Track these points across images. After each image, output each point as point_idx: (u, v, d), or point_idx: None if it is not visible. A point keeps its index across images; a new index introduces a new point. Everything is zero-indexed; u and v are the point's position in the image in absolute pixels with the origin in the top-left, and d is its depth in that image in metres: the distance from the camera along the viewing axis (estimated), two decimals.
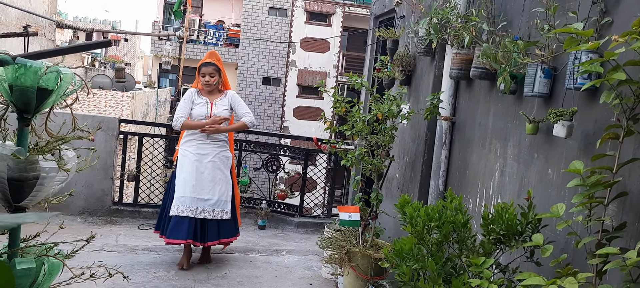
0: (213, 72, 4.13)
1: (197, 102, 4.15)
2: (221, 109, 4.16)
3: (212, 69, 4.14)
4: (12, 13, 7.85)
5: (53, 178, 1.71)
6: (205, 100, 4.16)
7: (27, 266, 1.64)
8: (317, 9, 22.45)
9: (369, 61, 6.07)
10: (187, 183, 4.07)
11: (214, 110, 4.13)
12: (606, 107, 2.25)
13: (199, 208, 4.08)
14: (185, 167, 4.11)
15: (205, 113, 4.11)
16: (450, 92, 3.87)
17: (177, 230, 4.04)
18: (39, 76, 1.70)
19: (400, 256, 2.57)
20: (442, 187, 3.90)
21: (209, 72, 4.13)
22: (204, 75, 4.13)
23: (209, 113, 4.12)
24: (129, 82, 16.44)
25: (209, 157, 4.13)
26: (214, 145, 4.16)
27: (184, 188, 4.07)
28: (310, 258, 4.84)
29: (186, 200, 4.06)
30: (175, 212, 4.05)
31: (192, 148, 4.12)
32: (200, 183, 4.09)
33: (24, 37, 2.01)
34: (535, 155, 2.87)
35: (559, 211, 2.19)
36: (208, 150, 4.14)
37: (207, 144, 4.14)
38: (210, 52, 4.27)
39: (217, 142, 4.18)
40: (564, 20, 2.65)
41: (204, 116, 4.10)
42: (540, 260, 2.41)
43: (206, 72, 4.13)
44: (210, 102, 4.16)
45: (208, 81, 4.13)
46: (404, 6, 4.76)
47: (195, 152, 4.11)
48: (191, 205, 4.06)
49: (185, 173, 4.09)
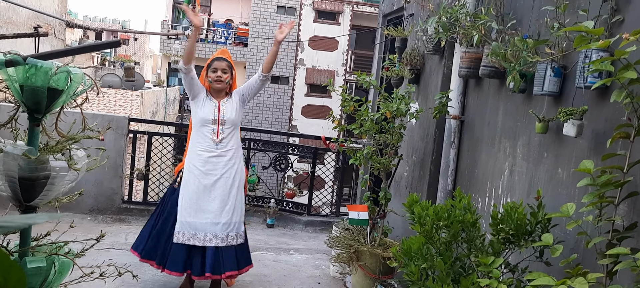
0: (226, 68, 3.62)
1: (203, 102, 3.59)
2: (230, 110, 3.60)
3: (225, 64, 3.63)
4: (23, 13, 7.91)
5: (63, 177, 1.73)
6: (212, 103, 3.59)
7: (38, 265, 1.65)
8: (325, 8, 22.43)
9: (378, 60, 6.06)
10: (193, 205, 3.50)
11: (222, 113, 3.56)
12: (617, 106, 2.23)
13: (208, 235, 3.48)
14: (192, 186, 3.52)
15: (213, 116, 3.54)
16: (459, 91, 3.85)
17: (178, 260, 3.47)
18: (49, 76, 1.72)
19: (408, 255, 2.57)
20: (450, 186, 3.88)
21: (222, 68, 3.60)
22: (216, 70, 3.60)
23: (216, 116, 3.55)
24: (138, 81, 16.52)
25: (221, 173, 3.54)
26: (224, 157, 3.55)
27: (188, 212, 3.49)
28: (318, 257, 4.85)
29: (191, 226, 3.48)
30: (180, 238, 3.47)
31: (199, 162, 3.53)
32: (210, 205, 3.50)
33: (34, 37, 2.03)
34: (545, 154, 2.86)
35: (569, 211, 2.17)
36: (217, 164, 3.54)
37: (215, 156, 3.53)
38: (222, 50, 3.84)
39: (227, 153, 3.57)
40: (574, 19, 2.62)
41: (211, 120, 3.53)
42: (550, 260, 2.40)
43: (218, 67, 3.61)
44: (218, 104, 3.60)
45: (219, 77, 3.59)
46: (412, 4, 4.74)
47: (203, 168, 3.53)
48: (198, 232, 3.48)
49: (190, 193, 3.51)
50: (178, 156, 6.02)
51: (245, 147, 6.01)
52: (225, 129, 3.57)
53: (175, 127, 13.22)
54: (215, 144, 3.54)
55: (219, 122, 3.56)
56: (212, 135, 3.55)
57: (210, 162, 3.53)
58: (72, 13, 28.24)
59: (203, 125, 3.56)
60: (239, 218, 3.59)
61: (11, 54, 1.73)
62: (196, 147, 3.57)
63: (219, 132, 3.56)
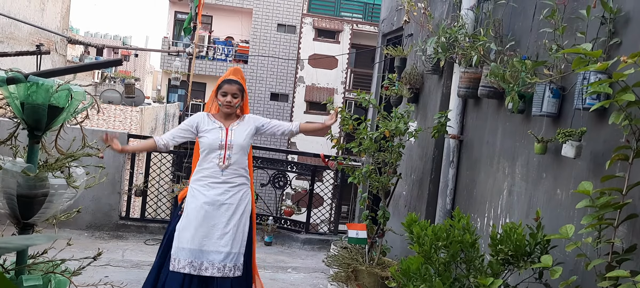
0: (236, 92, 3.41)
1: (208, 127, 3.40)
2: (240, 134, 3.41)
3: (236, 87, 3.42)
4: (25, 28, 7.96)
5: (62, 195, 1.73)
6: (219, 125, 3.41)
7: (35, 283, 1.64)
8: (325, 26, 22.59)
9: (377, 79, 6.09)
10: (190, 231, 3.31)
11: (230, 138, 3.37)
12: (615, 128, 2.24)
13: (204, 264, 3.28)
14: (193, 211, 3.34)
15: (219, 141, 3.36)
16: (458, 111, 3.87)
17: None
18: (50, 94, 1.72)
19: (407, 275, 2.55)
20: (449, 206, 3.88)
21: (232, 92, 3.40)
22: (226, 94, 3.39)
23: (224, 141, 3.36)
24: (139, 97, 16.57)
25: (224, 199, 3.35)
26: (229, 184, 3.37)
27: (186, 238, 3.30)
28: (316, 276, 4.81)
29: (187, 252, 3.28)
30: (175, 266, 3.27)
31: (204, 188, 3.35)
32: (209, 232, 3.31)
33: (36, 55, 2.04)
34: (544, 175, 2.86)
35: (568, 232, 2.17)
36: (222, 190, 3.36)
37: (220, 182, 3.36)
38: (235, 69, 3.58)
39: (233, 180, 3.39)
40: (572, 41, 2.65)
41: (218, 146, 3.34)
42: (549, 282, 2.38)
43: (229, 91, 3.39)
44: (226, 128, 3.41)
45: (229, 102, 3.39)
46: (412, 25, 4.78)
47: (207, 193, 3.34)
48: (195, 259, 3.27)
49: (190, 219, 3.33)
50: (177, 173, 6.02)
51: None
52: (232, 154, 3.38)
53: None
54: (220, 171, 3.36)
55: (227, 148, 3.37)
56: (218, 161, 3.36)
57: (213, 187, 3.35)
58: (74, 29, 28.42)
59: (209, 152, 3.38)
60: (238, 249, 3.36)
61: (13, 71, 1.74)
62: (200, 173, 3.39)
63: (226, 157, 3.36)
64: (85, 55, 23.23)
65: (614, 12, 2.38)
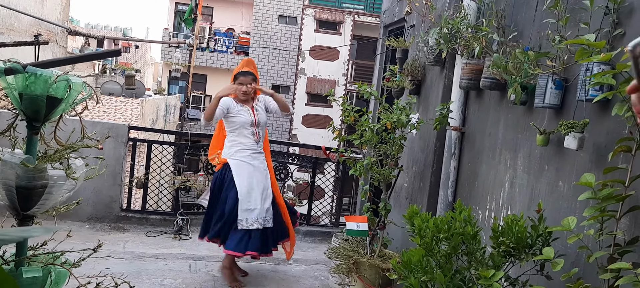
0: (250, 81, 4.06)
1: (237, 110, 4.02)
2: (261, 114, 4.12)
3: (250, 78, 4.06)
4: (25, 20, 7.94)
5: (61, 187, 1.72)
6: (246, 109, 4.06)
7: (34, 275, 1.64)
8: (326, 18, 22.51)
9: (379, 70, 6.07)
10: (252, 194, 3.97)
11: (257, 117, 4.07)
12: (618, 120, 2.22)
13: (266, 217, 4.00)
14: (248, 178, 3.98)
15: (250, 120, 4.04)
16: (460, 102, 3.85)
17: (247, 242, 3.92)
18: (48, 85, 1.71)
19: (408, 267, 2.55)
20: (451, 198, 3.87)
21: (248, 82, 4.04)
22: (242, 83, 4.04)
23: (254, 120, 4.05)
24: (139, 88, 16.55)
25: (264, 166, 4.10)
26: (262, 154, 4.14)
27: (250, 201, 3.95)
28: (317, 268, 4.82)
29: (255, 213, 3.94)
30: (243, 225, 3.92)
31: (249, 158, 4.03)
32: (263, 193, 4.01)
33: (35, 45, 2.03)
34: (546, 167, 2.84)
35: (570, 224, 2.16)
36: (260, 160, 4.09)
37: (258, 152, 4.09)
38: (247, 60, 4.22)
39: (263, 152, 4.15)
40: (575, 32, 2.62)
41: (249, 123, 4.03)
42: (551, 274, 2.38)
43: (245, 82, 4.03)
44: (251, 109, 4.08)
45: (246, 90, 4.03)
46: (414, 16, 4.75)
47: (253, 162, 4.03)
48: (259, 216, 3.96)
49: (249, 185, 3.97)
50: (177, 164, 6.01)
51: None
52: (260, 131, 4.11)
53: (175, 135, 13.20)
54: (256, 144, 4.08)
55: (256, 125, 4.06)
56: (253, 137, 4.06)
57: (255, 157, 4.05)
58: (74, 20, 28.35)
59: (243, 128, 4.03)
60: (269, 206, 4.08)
61: (11, 61, 1.72)
62: (239, 146, 4.04)
63: (257, 133, 4.08)
64: (85, 47, 23.19)
65: (618, 2, 2.35)
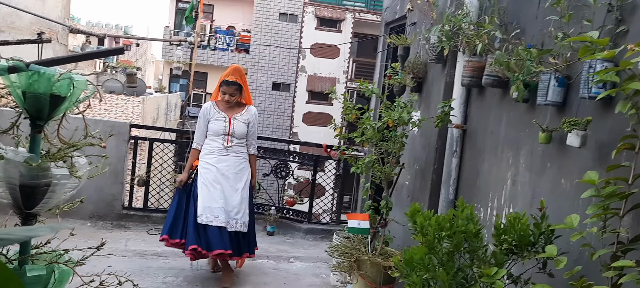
0: (234, 92, 4.03)
1: (214, 116, 4.03)
2: (240, 125, 4.04)
3: (234, 88, 4.02)
4: (26, 18, 7.93)
5: (64, 185, 1.72)
6: (223, 116, 4.03)
7: (38, 273, 1.64)
8: (327, 15, 22.48)
9: (380, 68, 6.06)
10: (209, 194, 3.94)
11: (232, 127, 4.02)
12: (621, 117, 2.22)
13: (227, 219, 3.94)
14: (208, 179, 3.97)
15: (224, 129, 4.00)
16: (462, 100, 3.84)
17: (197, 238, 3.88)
18: (52, 83, 1.71)
19: (410, 265, 2.55)
20: (452, 196, 3.86)
21: (230, 92, 4.01)
22: (225, 93, 4.03)
23: (227, 130, 4.01)
24: (140, 86, 16.54)
25: (231, 169, 4.01)
26: (232, 157, 4.04)
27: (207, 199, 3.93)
28: (318, 266, 4.82)
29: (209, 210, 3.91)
30: (202, 220, 3.89)
31: (213, 160, 4.00)
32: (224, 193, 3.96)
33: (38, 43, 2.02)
34: (548, 165, 2.84)
35: (573, 222, 2.15)
36: (229, 163, 4.01)
37: (225, 155, 4.02)
38: (234, 68, 4.13)
39: (236, 155, 4.06)
40: (578, 29, 2.62)
41: (222, 133, 4.00)
42: (554, 272, 2.37)
43: (227, 91, 4.02)
44: (229, 118, 4.03)
45: (228, 100, 4.02)
46: (415, 13, 4.74)
47: (217, 164, 3.99)
48: (219, 214, 3.92)
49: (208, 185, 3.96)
50: (179, 163, 6.01)
51: None
52: (234, 139, 4.04)
53: (176, 133, 13.18)
54: (225, 149, 4.03)
55: (229, 134, 4.03)
56: (222, 142, 4.03)
57: (221, 160, 4.01)
58: (75, 18, 28.33)
59: (216, 136, 4.03)
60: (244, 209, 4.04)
61: (14, 60, 1.72)
62: (208, 149, 4.04)
63: (229, 140, 4.04)
64: (86, 45, 23.19)
65: None
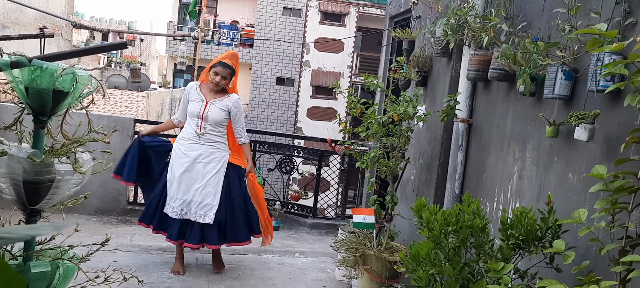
0: (226, 76, 3.91)
1: (193, 97, 3.95)
2: (216, 111, 3.90)
3: (228, 72, 3.91)
4: (30, 13, 7.93)
5: (68, 181, 1.71)
6: (201, 98, 3.93)
7: (43, 269, 1.63)
8: (331, 9, 22.41)
9: (384, 62, 6.03)
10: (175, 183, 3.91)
11: (207, 111, 3.88)
12: (630, 110, 2.19)
13: (184, 210, 3.90)
14: (175, 166, 3.93)
15: (198, 112, 3.89)
16: (467, 94, 3.82)
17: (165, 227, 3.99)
18: (55, 78, 1.70)
19: (417, 260, 2.53)
20: (458, 190, 3.84)
21: (223, 75, 3.89)
22: (217, 74, 3.89)
23: (201, 112, 3.88)
24: (144, 82, 16.57)
25: (201, 158, 3.91)
26: (204, 146, 3.92)
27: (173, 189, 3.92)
28: (324, 260, 4.81)
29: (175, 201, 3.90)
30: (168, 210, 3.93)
31: (184, 147, 3.93)
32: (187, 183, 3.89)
33: (40, 38, 2.01)
34: (555, 159, 2.81)
35: (581, 217, 2.13)
36: (200, 150, 3.90)
37: (198, 143, 3.91)
38: (232, 53, 4.06)
39: (209, 144, 3.93)
40: (585, 21, 2.59)
41: (196, 115, 3.89)
42: (561, 267, 2.36)
43: (219, 72, 3.88)
44: (206, 102, 3.91)
45: (218, 82, 3.89)
46: (420, 6, 4.71)
47: (186, 151, 3.91)
48: (176, 206, 3.90)
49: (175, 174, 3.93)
50: None
51: (251, 149, 5.98)
52: (207, 125, 3.91)
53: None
54: (197, 136, 3.92)
55: (203, 118, 3.90)
56: (195, 128, 3.92)
57: (192, 148, 3.92)
58: (79, 14, 28.36)
59: (191, 118, 3.96)
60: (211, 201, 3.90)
61: (17, 55, 1.71)
62: (183, 133, 4.01)
63: (202, 126, 3.91)
64: (90, 40, 23.21)
65: None
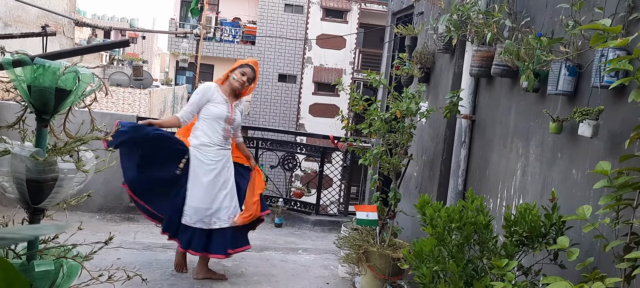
0: (250, 80, 3.90)
1: (216, 99, 3.81)
2: (238, 114, 3.94)
3: (253, 75, 3.92)
4: (32, 11, 7.93)
5: (71, 179, 1.71)
6: (225, 100, 3.85)
7: (46, 268, 1.63)
8: (333, 6, 22.36)
9: (387, 58, 6.02)
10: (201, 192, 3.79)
11: (233, 114, 3.87)
12: (634, 106, 2.18)
13: (213, 219, 3.82)
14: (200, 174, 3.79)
15: (226, 115, 3.82)
16: (470, 90, 3.81)
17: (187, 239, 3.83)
18: (57, 76, 1.69)
19: (420, 257, 2.53)
20: (461, 187, 3.84)
21: (250, 76, 3.89)
22: (244, 74, 3.86)
23: (229, 115, 3.84)
24: (147, 79, 16.57)
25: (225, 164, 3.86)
26: (227, 152, 3.92)
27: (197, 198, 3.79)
28: (327, 257, 4.82)
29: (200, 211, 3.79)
30: (187, 221, 3.79)
31: (211, 153, 3.81)
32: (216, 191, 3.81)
33: (42, 36, 2.01)
34: (559, 155, 2.80)
35: (585, 213, 2.12)
36: (223, 157, 3.86)
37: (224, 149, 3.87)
38: (255, 62, 4.05)
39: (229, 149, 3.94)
40: (589, 16, 2.57)
41: (224, 118, 3.80)
42: (565, 263, 2.35)
43: (247, 73, 3.87)
44: (231, 105, 3.88)
45: (244, 82, 3.86)
46: (422, 2, 4.69)
47: (214, 158, 3.81)
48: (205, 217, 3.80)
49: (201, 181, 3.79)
50: None
51: (254, 146, 5.99)
52: (231, 128, 3.91)
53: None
54: (224, 140, 3.87)
55: (230, 122, 3.88)
56: (223, 132, 3.85)
57: (219, 155, 3.84)
58: (81, 11, 28.37)
59: (216, 122, 3.82)
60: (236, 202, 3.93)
61: (19, 53, 1.71)
62: (205, 138, 3.81)
63: (228, 130, 3.88)
64: (92, 38, 23.23)
65: None
